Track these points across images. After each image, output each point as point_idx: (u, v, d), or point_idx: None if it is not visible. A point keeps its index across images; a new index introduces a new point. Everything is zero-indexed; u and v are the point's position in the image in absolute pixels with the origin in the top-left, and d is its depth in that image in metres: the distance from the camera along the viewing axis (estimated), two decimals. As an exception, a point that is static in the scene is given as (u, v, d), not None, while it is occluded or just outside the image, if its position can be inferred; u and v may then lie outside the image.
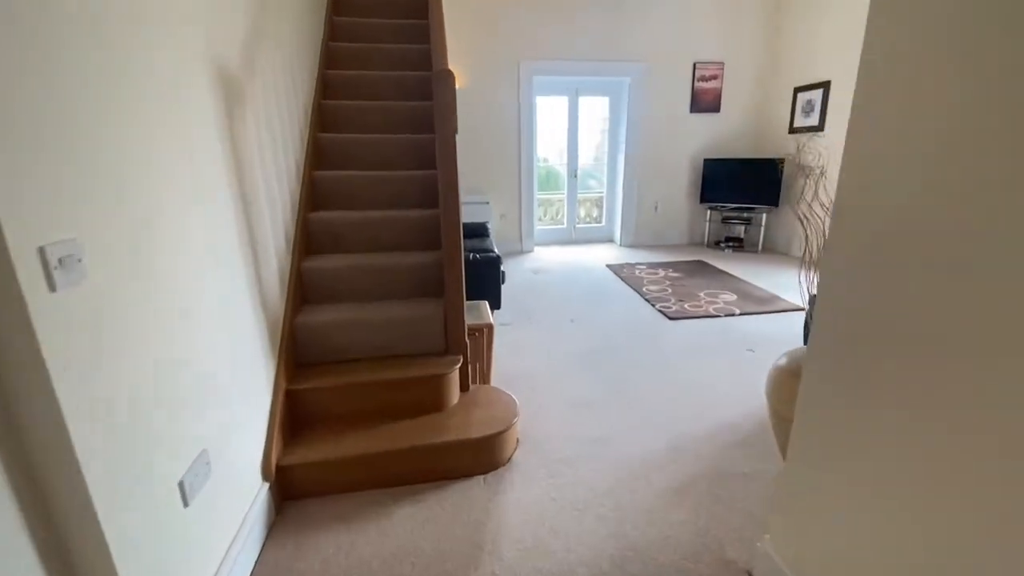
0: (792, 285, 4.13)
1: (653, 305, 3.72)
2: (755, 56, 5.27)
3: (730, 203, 5.31)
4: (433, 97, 1.88)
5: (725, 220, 5.39)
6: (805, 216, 1.67)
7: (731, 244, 5.42)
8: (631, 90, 5.27)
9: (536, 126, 5.44)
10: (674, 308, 3.62)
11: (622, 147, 5.57)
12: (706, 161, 5.36)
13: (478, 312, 2.57)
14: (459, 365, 2.04)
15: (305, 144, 2.50)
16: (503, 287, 3.64)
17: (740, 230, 5.43)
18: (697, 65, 5.20)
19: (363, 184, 2.52)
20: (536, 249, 5.71)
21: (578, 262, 5.15)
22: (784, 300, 3.76)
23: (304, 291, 2.19)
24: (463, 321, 2.10)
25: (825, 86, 4.52)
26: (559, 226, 6.11)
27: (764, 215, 5.19)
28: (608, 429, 2.15)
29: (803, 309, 3.57)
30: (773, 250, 5.37)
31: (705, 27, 5.14)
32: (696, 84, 5.25)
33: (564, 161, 5.84)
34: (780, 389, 1.69)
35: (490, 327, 2.39)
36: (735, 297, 3.85)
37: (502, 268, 3.47)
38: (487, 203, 5.26)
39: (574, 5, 4.95)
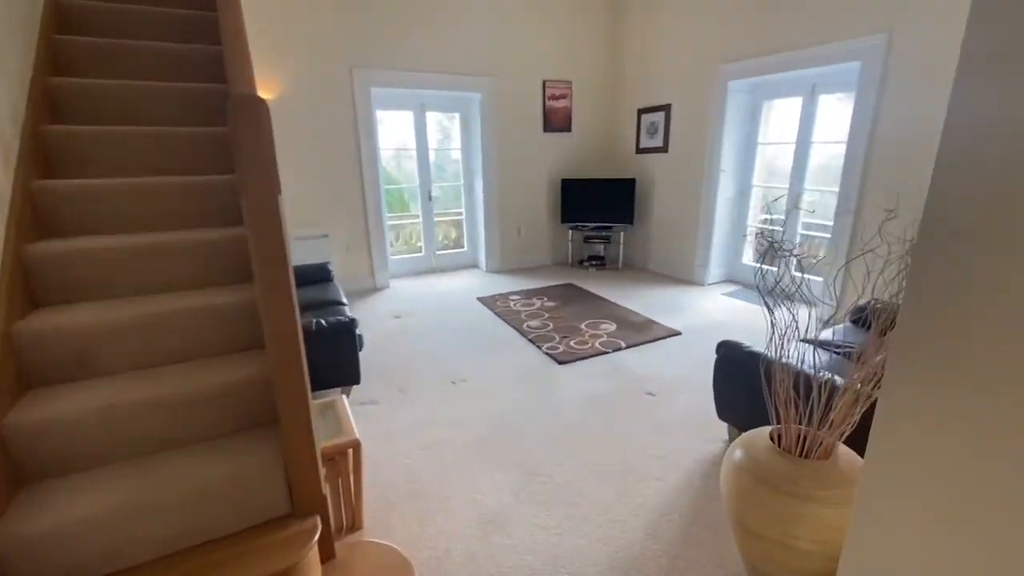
0: (660, 306, 4.18)
1: (539, 347, 3.37)
2: (599, 77, 5.33)
3: (590, 222, 5.29)
4: (232, 144, 1.17)
5: (587, 239, 5.38)
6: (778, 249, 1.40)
7: (594, 263, 5.43)
8: (483, 107, 4.90)
9: (378, 142, 4.74)
10: (561, 349, 3.32)
11: (478, 166, 5.18)
12: (564, 181, 5.27)
13: (334, 418, 1.88)
14: (317, 537, 1.36)
15: (8, 200, 1.52)
16: (361, 353, 2.92)
17: (601, 248, 5.47)
18: (547, 83, 5.05)
19: (125, 256, 1.63)
20: (392, 283, 5.01)
21: (445, 296, 4.61)
22: (658, 324, 3.74)
23: (19, 463, 1.27)
24: (316, 464, 1.42)
25: (666, 109, 4.71)
26: (416, 254, 5.48)
27: (621, 233, 5.29)
28: (534, 556, 1.67)
29: (678, 333, 3.57)
30: (631, 266, 5.52)
31: (551, 45, 5.01)
32: (547, 103, 5.11)
33: (416, 182, 5.24)
34: (746, 499, 1.39)
35: (356, 445, 1.72)
36: (614, 326, 3.71)
37: (358, 332, 2.76)
38: (326, 236, 4.42)
39: (412, 12, 4.38)
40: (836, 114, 3.74)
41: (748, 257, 4.67)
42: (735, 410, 2.20)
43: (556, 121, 5.22)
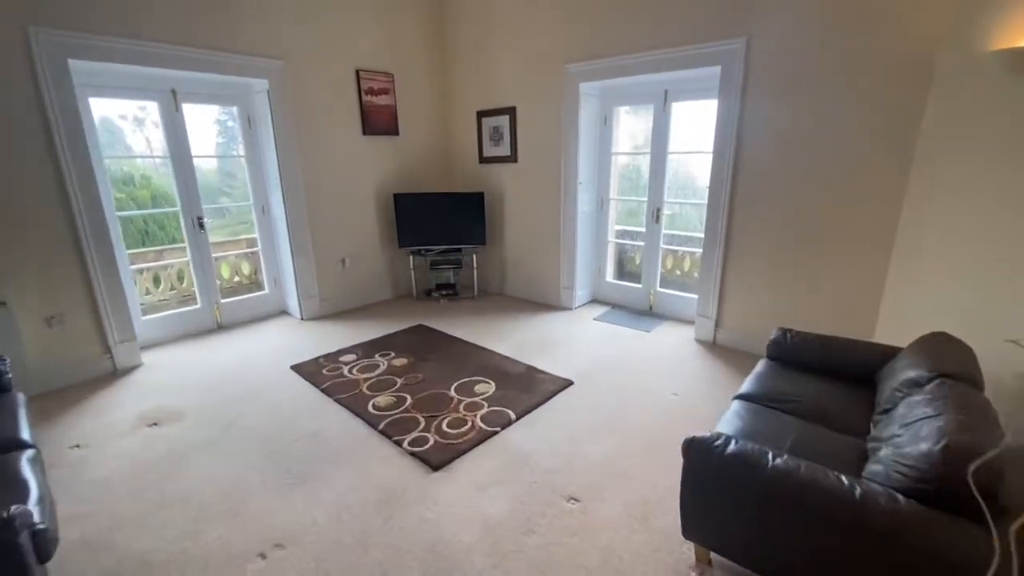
0: (535, 344, 3.47)
1: (398, 443, 2.32)
2: (427, 71, 4.41)
3: (435, 245, 4.35)
4: None
5: (434, 266, 4.41)
6: None
7: (445, 293, 4.50)
8: (272, 99, 3.55)
9: (99, 144, 3.07)
10: (432, 441, 2.32)
11: (274, 177, 3.79)
12: (397, 196, 4.21)
13: None
14: None
15: None
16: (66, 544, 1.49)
17: (451, 275, 4.58)
18: (361, 73, 3.93)
19: None
20: (149, 359, 3.31)
21: (238, 370, 3.15)
22: (543, 373, 3.02)
23: None
24: None
25: (511, 112, 4.04)
26: (190, 307, 3.81)
27: (474, 255, 4.47)
28: None
29: (570, 383, 2.89)
30: (488, 291, 4.74)
31: (365, 27, 3.91)
32: (365, 98, 3.98)
33: (178, 203, 3.60)
34: None
35: None
36: (493, 386, 2.86)
37: (40, 524, 1.35)
38: (3, 304, 2.60)
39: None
40: (693, 123, 3.54)
41: (611, 274, 4.31)
42: (715, 531, 1.54)
43: (378, 122, 4.13)
